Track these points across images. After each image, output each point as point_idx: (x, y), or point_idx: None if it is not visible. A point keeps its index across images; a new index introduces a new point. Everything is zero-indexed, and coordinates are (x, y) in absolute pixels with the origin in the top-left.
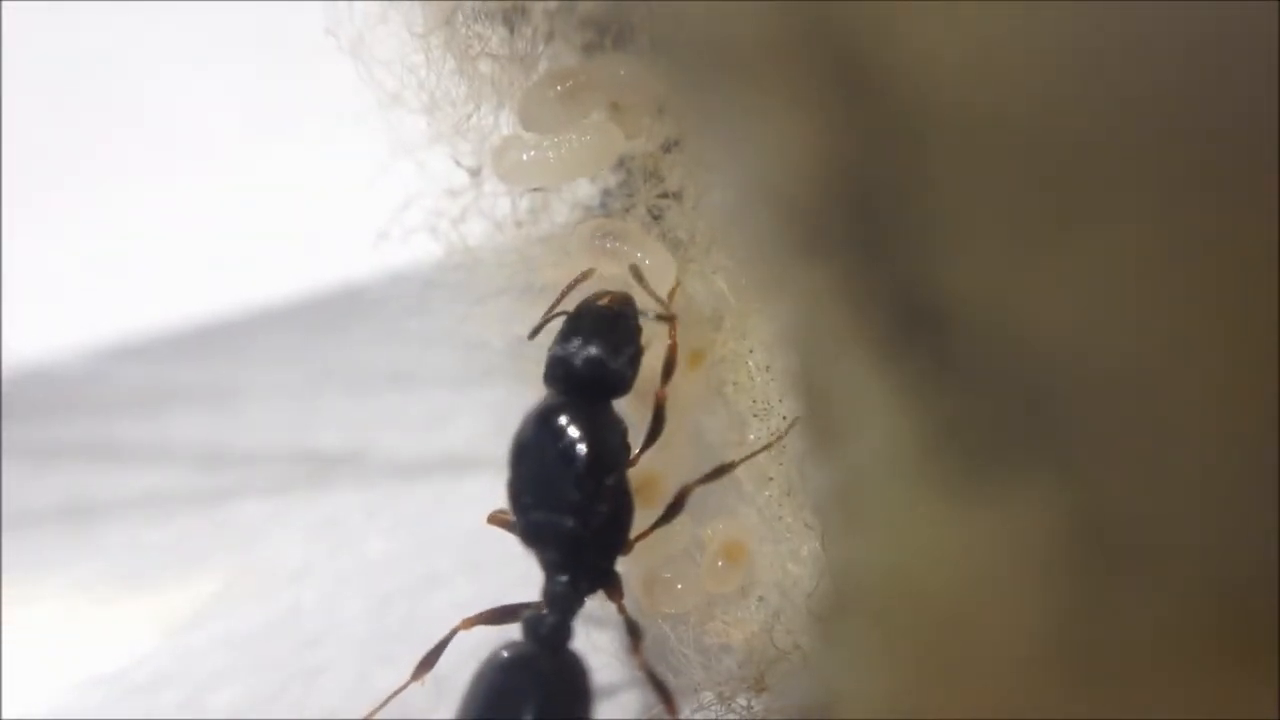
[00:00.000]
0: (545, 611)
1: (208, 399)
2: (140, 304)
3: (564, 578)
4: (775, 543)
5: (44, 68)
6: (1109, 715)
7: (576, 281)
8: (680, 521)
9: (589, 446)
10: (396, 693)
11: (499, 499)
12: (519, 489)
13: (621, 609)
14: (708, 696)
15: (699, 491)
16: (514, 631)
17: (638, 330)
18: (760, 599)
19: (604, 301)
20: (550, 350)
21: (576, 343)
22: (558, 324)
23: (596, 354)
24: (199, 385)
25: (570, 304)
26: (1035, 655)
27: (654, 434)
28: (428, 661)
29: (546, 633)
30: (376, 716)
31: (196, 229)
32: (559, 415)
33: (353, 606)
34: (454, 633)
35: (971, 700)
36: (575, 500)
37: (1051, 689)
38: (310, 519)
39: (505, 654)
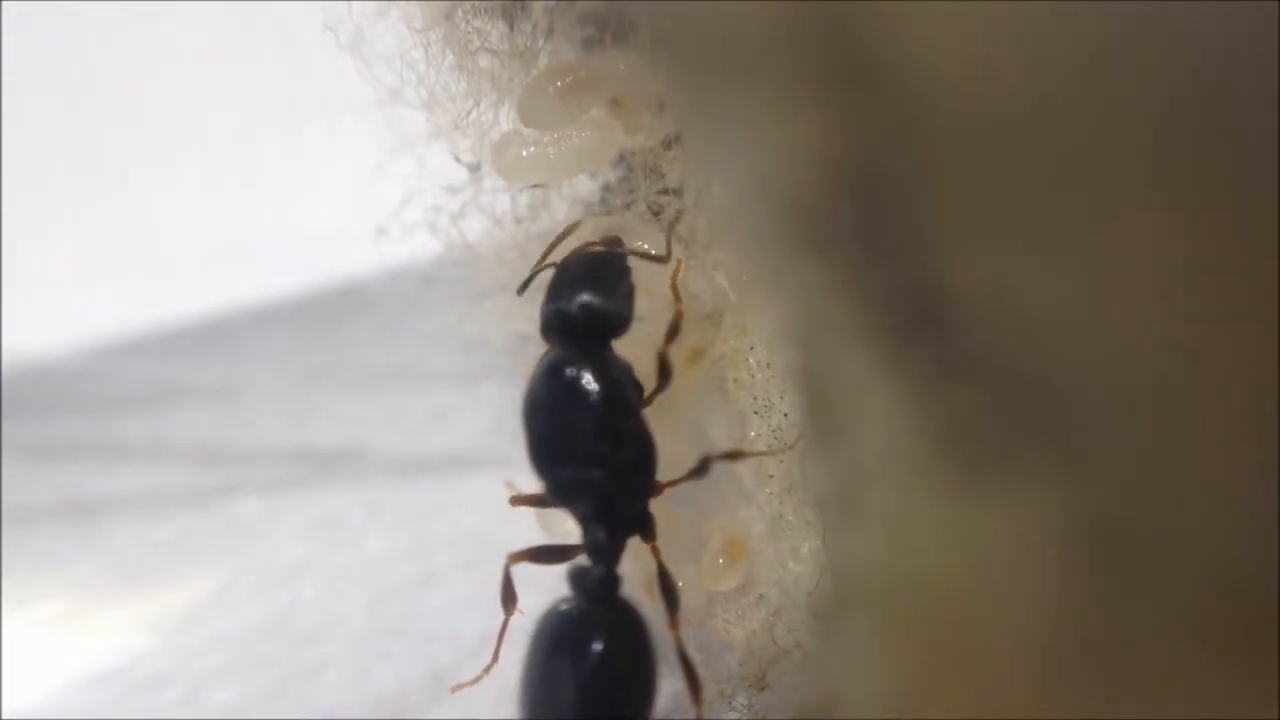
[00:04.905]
0: (590, 565)
1: (207, 397)
2: (139, 302)
3: (600, 528)
4: (776, 540)
5: (44, 67)
6: (1110, 714)
7: (565, 234)
8: (681, 518)
9: (601, 393)
10: (500, 637)
11: (499, 496)
12: (539, 450)
13: (656, 551)
14: (708, 695)
15: (698, 488)
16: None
17: (627, 267)
18: (761, 597)
19: (592, 247)
20: (543, 305)
21: (568, 291)
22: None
23: (590, 298)
24: (198, 383)
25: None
26: (1037, 654)
27: (660, 387)
28: (508, 600)
29: (594, 585)
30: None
31: (195, 226)
32: (565, 367)
33: (352, 604)
34: (508, 569)
35: (973, 699)
36: (597, 449)
37: (1052, 688)
38: (309, 517)
39: (560, 610)
